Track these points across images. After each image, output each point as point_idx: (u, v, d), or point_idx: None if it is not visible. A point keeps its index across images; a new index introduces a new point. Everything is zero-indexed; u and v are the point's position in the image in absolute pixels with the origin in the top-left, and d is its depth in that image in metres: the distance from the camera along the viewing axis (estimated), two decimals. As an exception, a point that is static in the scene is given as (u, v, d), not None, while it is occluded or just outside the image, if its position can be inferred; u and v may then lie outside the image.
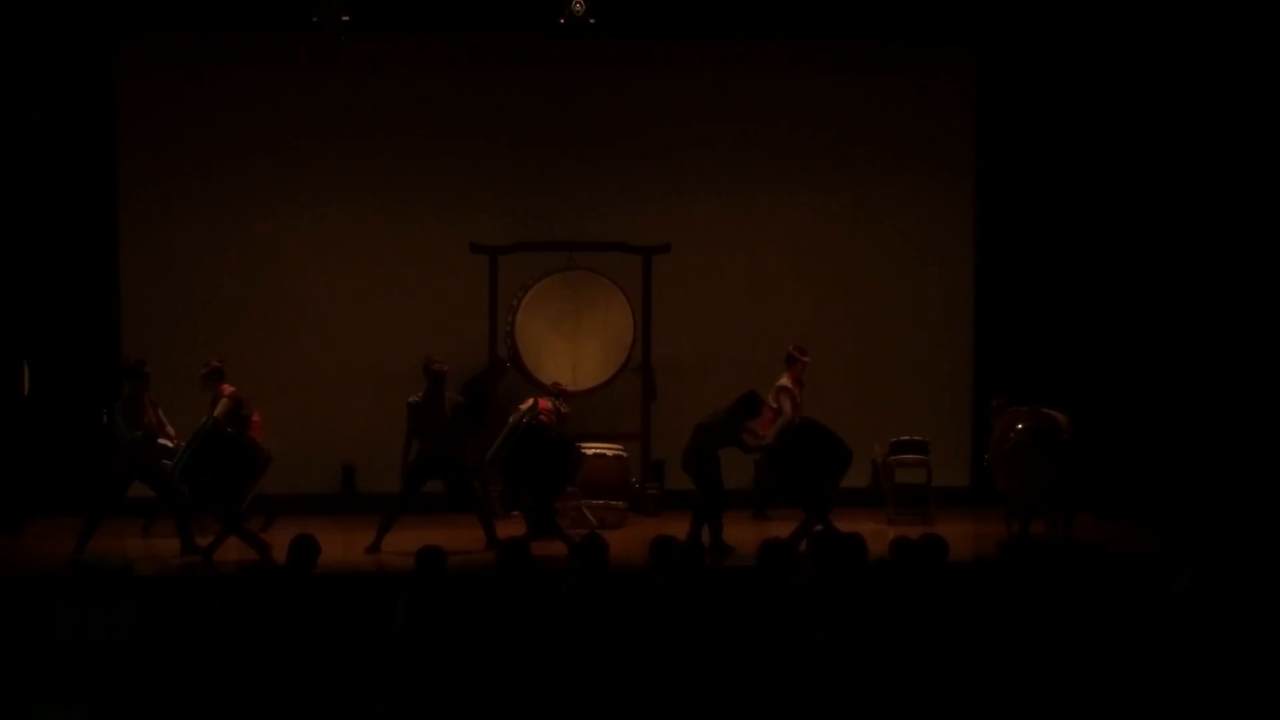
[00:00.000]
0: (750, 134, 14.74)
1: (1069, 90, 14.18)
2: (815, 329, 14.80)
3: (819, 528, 11.55)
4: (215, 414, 12.03)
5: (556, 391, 13.17)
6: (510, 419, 12.30)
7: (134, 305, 14.18)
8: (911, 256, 14.90)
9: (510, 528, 12.03)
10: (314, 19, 11.97)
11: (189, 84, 14.29)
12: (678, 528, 11.64)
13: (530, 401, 12.51)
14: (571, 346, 13.89)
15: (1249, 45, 13.46)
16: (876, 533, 9.66)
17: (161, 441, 11.91)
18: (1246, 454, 13.41)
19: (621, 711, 7.42)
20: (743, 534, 12.28)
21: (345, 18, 11.92)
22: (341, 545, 12.37)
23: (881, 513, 13.42)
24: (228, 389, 12.39)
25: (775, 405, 13.31)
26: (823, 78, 14.79)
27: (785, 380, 13.52)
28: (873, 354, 14.87)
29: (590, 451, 13.17)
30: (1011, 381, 13.76)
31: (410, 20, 13.84)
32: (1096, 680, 7.46)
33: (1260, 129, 13.55)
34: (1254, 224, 13.67)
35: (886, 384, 14.82)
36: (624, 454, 13.76)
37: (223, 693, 7.59)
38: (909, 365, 14.83)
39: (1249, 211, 13.68)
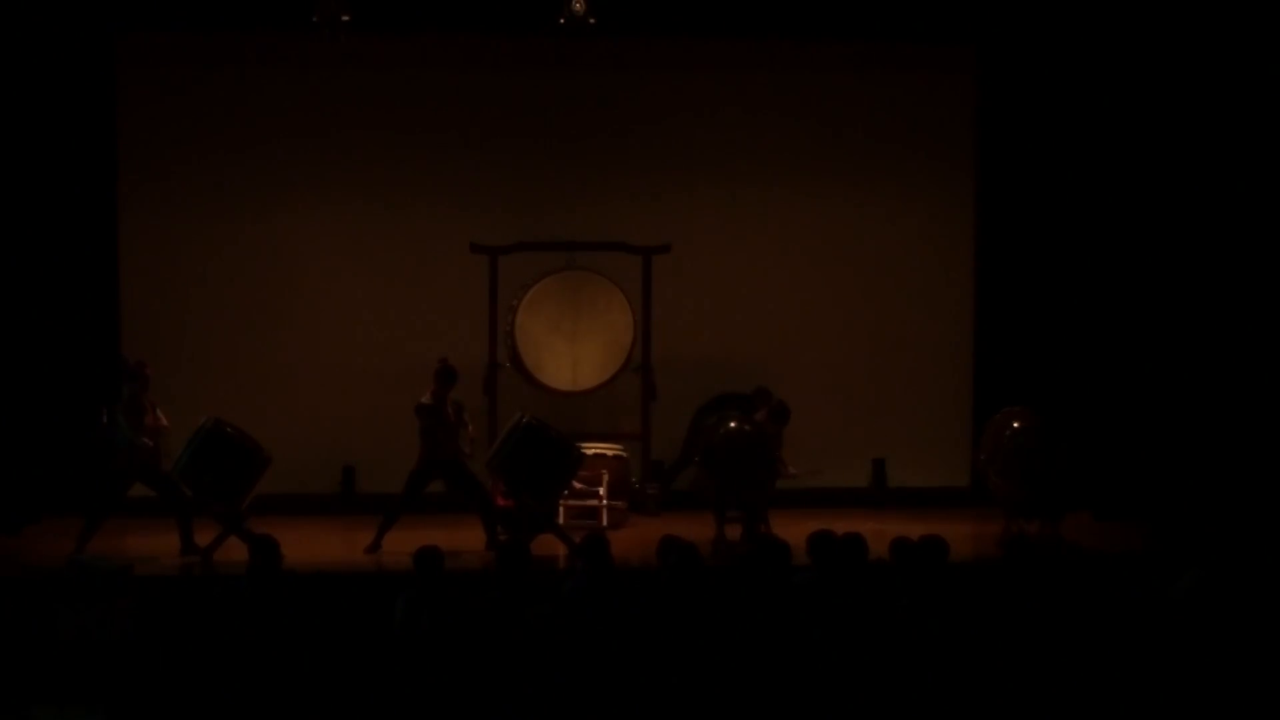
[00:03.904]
0: (750, 134, 14.74)
1: (1070, 89, 14.16)
2: (815, 328, 14.82)
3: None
4: None
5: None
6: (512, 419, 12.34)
7: (134, 305, 14.17)
8: (911, 256, 14.89)
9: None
10: (314, 19, 11.96)
11: (189, 84, 14.28)
12: (678, 527, 11.62)
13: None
14: (571, 347, 13.88)
15: (1250, 44, 13.45)
16: (877, 533, 9.64)
17: (146, 440, 11.88)
18: (1247, 453, 13.40)
19: (623, 711, 7.42)
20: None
21: (345, 18, 11.91)
22: (341, 545, 12.39)
23: (879, 514, 13.35)
24: None
25: None
26: (823, 77, 14.79)
27: None
28: (872, 353, 14.86)
29: (590, 451, 13.19)
30: (1012, 382, 13.76)
31: (410, 20, 13.82)
32: (1096, 681, 7.46)
33: (1261, 128, 13.54)
34: (1255, 223, 13.66)
35: (886, 383, 14.82)
36: (624, 454, 13.77)
37: (222, 693, 7.59)
38: (909, 365, 14.82)
39: (1250, 210, 13.67)
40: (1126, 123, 13.92)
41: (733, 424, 12.53)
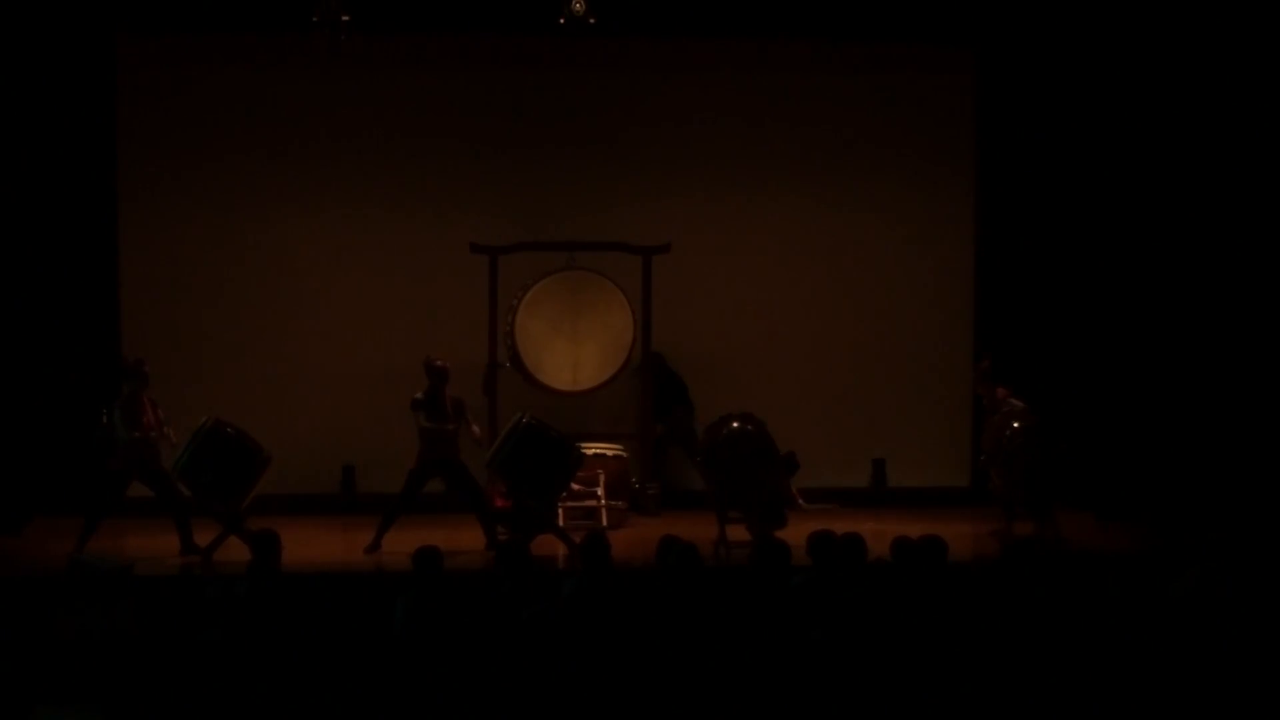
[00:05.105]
0: (750, 134, 14.74)
1: (1068, 89, 14.18)
2: (815, 329, 14.82)
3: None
4: None
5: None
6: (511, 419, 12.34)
7: (134, 305, 14.18)
8: (911, 256, 14.90)
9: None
10: (314, 19, 11.96)
11: (189, 84, 14.30)
12: (678, 528, 11.62)
13: None
14: (571, 347, 13.87)
15: (1249, 44, 13.46)
16: (877, 533, 9.64)
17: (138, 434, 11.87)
18: (1247, 453, 13.40)
19: (623, 711, 7.42)
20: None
21: (345, 18, 11.91)
22: (341, 545, 12.39)
23: (879, 514, 13.35)
24: None
25: None
26: (822, 77, 14.79)
27: None
28: (872, 354, 14.87)
29: (590, 451, 13.19)
30: (1012, 382, 13.75)
31: (410, 20, 13.85)
32: (1096, 681, 7.46)
33: (1260, 127, 13.55)
34: (1254, 222, 13.67)
35: (886, 383, 14.83)
36: (624, 454, 13.77)
37: (222, 693, 7.59)
38: (909, 365, 14.83)
39: (1249, 210, 13.68)
40: (1126, 122, 13.93)
41: (734, 424, 12.51)
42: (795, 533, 9.86)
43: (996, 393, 12.99)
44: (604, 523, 12.94)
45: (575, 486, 12.77)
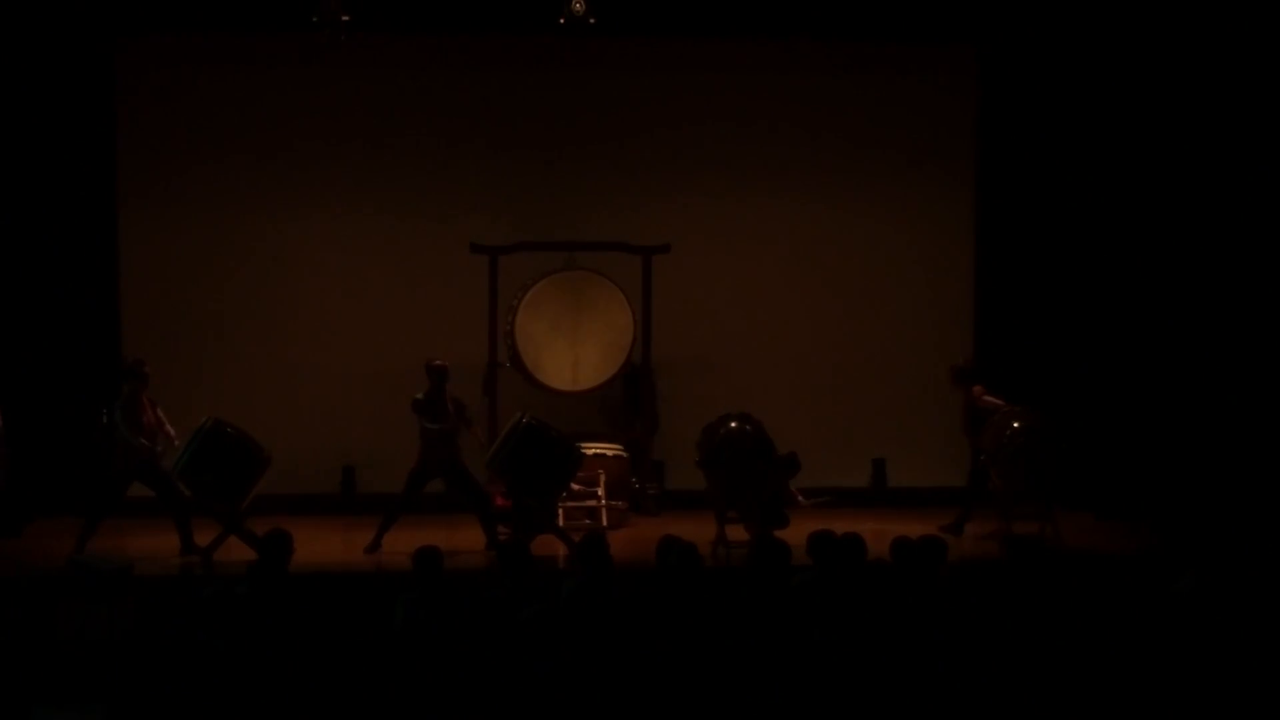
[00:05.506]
0: (750, 134, 14.74)
1: (1070, 89, 14.17)
2: (815, 329, 14.83)
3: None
4: None
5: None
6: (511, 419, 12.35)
7: (134, 305, 14.18)
8: (911, 256, 14.90)
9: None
10: (314, 19, 11.96)
11: (189, 84, 14.30)
12: (678, 528, 11.62)
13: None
14: (571, 347, 13.87)
15: (1250, 44, 13.45)
16: (877, 533, 9.64)
17: (144, 440, 11.86)
18: (1247, 454, 13.39)
19: (623, 711, 7.42)
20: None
21: (345, 18, 11.91)
22: (341, 545, 12.39)
23: (879, 514, 13.35)
24: None
25: None
26: (822, 78, 14.79)
27: None
28: (872, 354, 14.87)
29: (590, 451, 13.19)
30: (1012, 382, 13.76)
31: (410, 20, 13.83)
32: (1096, 680, 7.46)
33: (1261, 128, 13.54)
34: (1254, 223, 13.66)
35: (886, 383, 14.83)
36: (624, 454, 13.77)
37: (222, 693, 7.59)
38: (909, 365, 14.82)
39: (1250, 210, 13.66)
40: (1127, 122, 13.92)
41: (733, 424, 12.50)
42: (795, 533, 9.86)
43: (973, 391, 12.98)
44: (604, 523, 12.95)
45: (575, 486, 12.78)
